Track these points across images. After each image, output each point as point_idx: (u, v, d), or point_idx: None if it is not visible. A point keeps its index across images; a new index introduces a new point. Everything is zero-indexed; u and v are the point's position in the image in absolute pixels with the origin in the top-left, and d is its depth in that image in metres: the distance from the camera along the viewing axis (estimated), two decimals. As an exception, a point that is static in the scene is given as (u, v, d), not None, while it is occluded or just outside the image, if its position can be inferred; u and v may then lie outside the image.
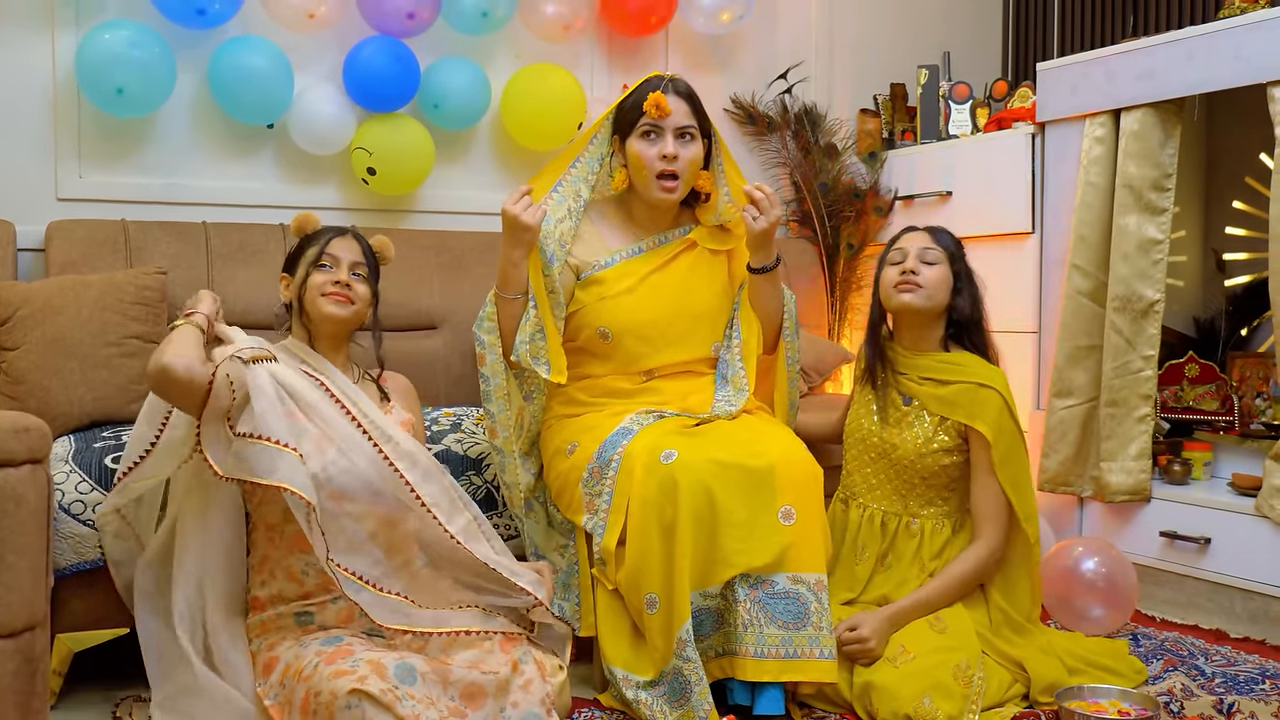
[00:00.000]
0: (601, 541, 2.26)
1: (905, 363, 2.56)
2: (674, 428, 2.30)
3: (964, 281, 2.54)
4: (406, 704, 1.86)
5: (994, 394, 2.44)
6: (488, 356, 2.40)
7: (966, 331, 2.55)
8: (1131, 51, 3.07)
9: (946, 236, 2.57)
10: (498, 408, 2.40)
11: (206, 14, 2.98)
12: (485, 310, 2.42)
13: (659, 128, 2.43)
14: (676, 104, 2.44)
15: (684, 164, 2.44)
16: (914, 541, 2.51)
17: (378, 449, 2.11)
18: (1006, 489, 2.43)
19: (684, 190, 2.48)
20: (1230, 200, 3.62)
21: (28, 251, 2.92)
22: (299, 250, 2.29)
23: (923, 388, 2.51)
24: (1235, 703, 2.27)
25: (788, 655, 2.10)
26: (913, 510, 2.54)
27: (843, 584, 2.52)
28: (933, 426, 2.49)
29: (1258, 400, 3.29)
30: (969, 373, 2.48)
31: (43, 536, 1.61)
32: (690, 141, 2.45)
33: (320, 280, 2.22)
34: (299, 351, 2.24)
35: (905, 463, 2.51)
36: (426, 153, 3.26)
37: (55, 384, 2.48)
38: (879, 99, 4.01)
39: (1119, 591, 2.70)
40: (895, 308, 2.53)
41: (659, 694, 2.15)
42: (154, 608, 2.17)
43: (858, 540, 2.57)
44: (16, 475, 1.57)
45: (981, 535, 2.45)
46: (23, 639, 1.58)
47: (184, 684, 2.08)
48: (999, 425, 2.43)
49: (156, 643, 2.14)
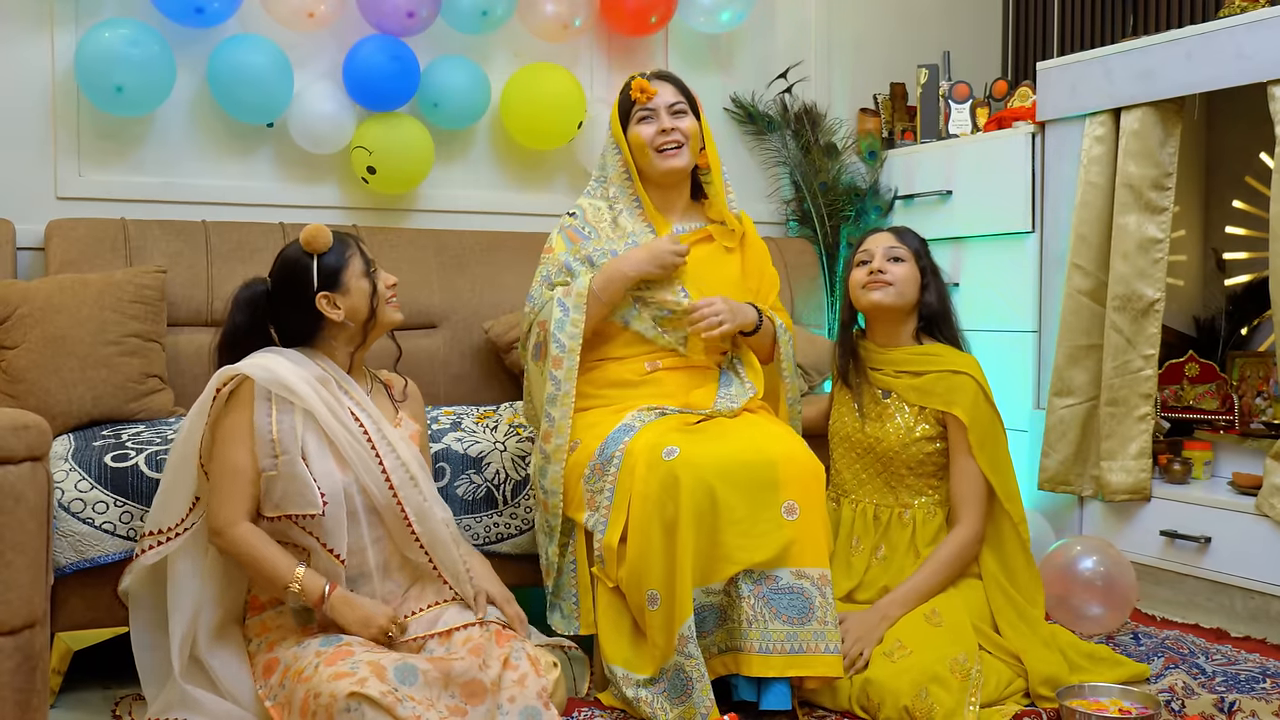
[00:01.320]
0: (603, 539, 2.26)
1: (879, 358, 2.61)
2: (675, 424, 2.31)
3: (930, 276, 2.61)
4: (407, 706, 1.85)
5: (968, 379, 2.51)
6: (565, 361, 2.37)
7: (937, 324, 2.61)
8: (1131, 51, 3.07)
9: (911, 236, 2.64)
10: (560, 413, 2.37)
11: (205, 12, 2.98)
12: (568, 315, 2.39)
13: (651, 110, 2.50)
14: (661, 85, 2.53)
15: (682, 133, 2.51)
16: (907, 531, 2.54)
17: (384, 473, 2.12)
18: (986, 471, 2.48)
19: (690, 157, 2.53)
20: (1230, 199, 3.62)
21: (27, 250, 2.92)
22: (331, 265, 2.18)
23: (899, 380, 2.57)
24: (1236, 701, 2.27)
25: (793, 650, 2.10)
26: (904, 501, 2.57)
27: (841, 575, 2.54)
28: (913, 416, 2.54)
29: (1258, 399, 3.29)
30: (943, 361, 2.55)
31: (42, 534, 1.61)
32: (684, 115, 2.53)
33: (381, 288, 2.22)
34: (334, 374, 2.19)
35: (890, 455, 2.55)
36: (426, 152, 3.25)
37: (54, 383, 2.48)
38: (879, 98, 4.01)
39: (1117, 590, 2.70)
40: (866, 306, 2.60)
41: (659, 691, 2.15)
42: (149, 617, 2.16)
43: (852, 533, 2.60)
44: (16, 473, 1.56)
45: (961, 519, 2.49)
46: (22, 636, 1.58)
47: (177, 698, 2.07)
48: (974, 408, 2.49)
49: (151, 659, 2.13)
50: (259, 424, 2.06)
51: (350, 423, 2.11)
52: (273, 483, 2.06)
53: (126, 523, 2.24)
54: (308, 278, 2.16)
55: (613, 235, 2.51)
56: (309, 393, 2.08)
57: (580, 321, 2.38)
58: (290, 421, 2.07)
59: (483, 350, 3.14)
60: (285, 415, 2.07)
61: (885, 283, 2.54)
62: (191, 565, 2.12)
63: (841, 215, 3.80)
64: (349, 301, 2.18)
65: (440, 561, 2.15)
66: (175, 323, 2.81)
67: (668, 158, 2.50)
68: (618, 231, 2.51)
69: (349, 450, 2.09)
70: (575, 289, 2.40)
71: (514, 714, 2.00)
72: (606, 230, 2.52)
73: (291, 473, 2.05)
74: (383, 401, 2.29)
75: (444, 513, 2.18)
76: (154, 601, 2.16)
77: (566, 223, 2.55)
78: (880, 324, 2.63)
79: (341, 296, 2.17)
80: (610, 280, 2.41)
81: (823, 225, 3.80)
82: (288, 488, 2.05)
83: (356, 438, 2.11)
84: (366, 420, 2.14)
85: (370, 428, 2.13)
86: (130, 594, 2.17)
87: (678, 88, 2.55)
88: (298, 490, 2.05)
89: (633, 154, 2.53)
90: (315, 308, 2.16)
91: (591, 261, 2.47)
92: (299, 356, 2.17)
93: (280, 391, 2.07)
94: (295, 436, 2.06)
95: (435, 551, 2.14)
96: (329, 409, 2.10)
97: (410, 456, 2.16)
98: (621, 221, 2.52)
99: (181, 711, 2.06)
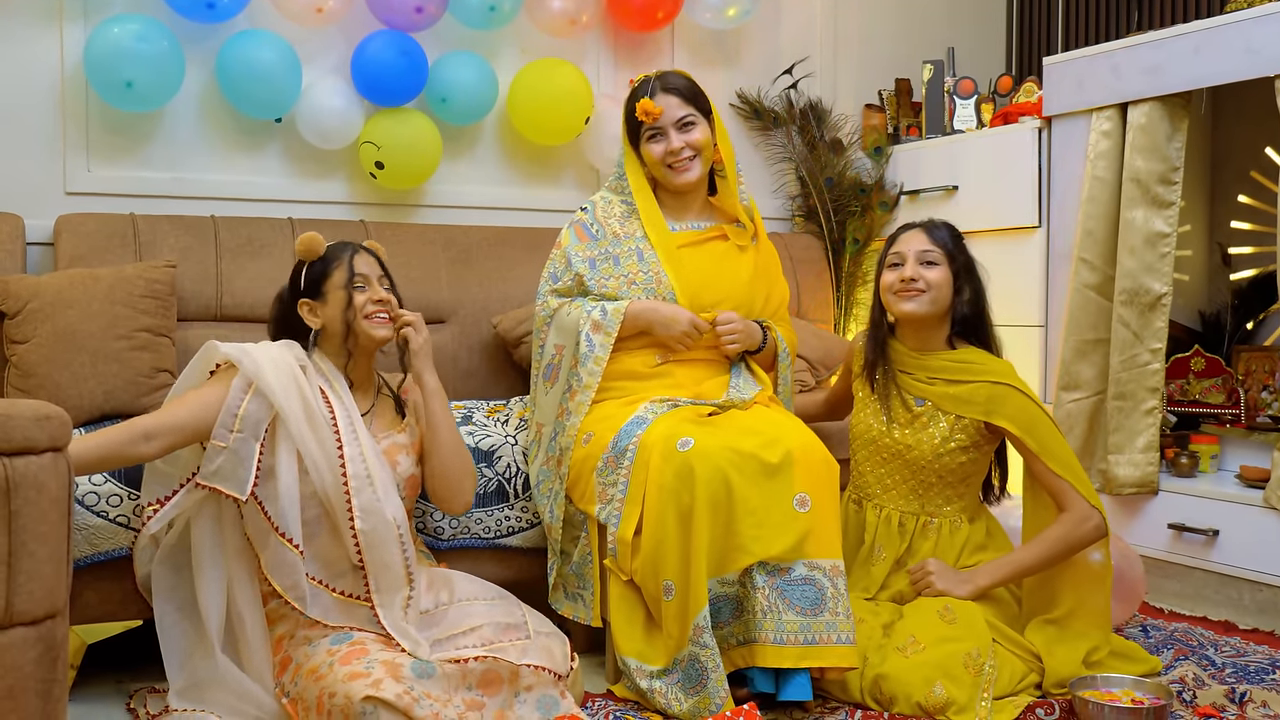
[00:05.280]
0: (617, 531, 2.27)
1: (912, 363, 2.56)
2: (689, 416, 2.32)
3: (964, 278, 2.53)
4: (423, 705, 1.85)
5: (1007, 390, 2.45)
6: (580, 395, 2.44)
7: (970, 327, 2.56)
8: (1138, 45, 3.08)
9: (943, 232, 2.56)
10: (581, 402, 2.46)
11: (215, 8, 2.98)
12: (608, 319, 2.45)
13: (659, 128, 2.52)
14: (666, 100, 2.52)
15: (692, 147, 2.53)
16: (931, 540, 2.52)
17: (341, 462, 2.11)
18: (1058, 470, 2.41)
19: (702, 168, 2.56)
20: (1236, 194, 3.63)
21: (37, 245, 2.92)
22: (316, 273, 2.24)
23: (934, 387, 2.51)
24: (1247, 692, 2.28)
25: (806, 642, 2.11)
26: (930, 510, 2.54)
27: (859, 584, 2.53)
28: (949, 425, 2.49)
29: (1264, 393, 3.31)
30: (981, 371, 2.49)
31: (64, 525, 1.61)
32: (693, 127, 2.53)
33: (361, 301, 2.22)
34: (327, 372, 2.23)
35: (922, 463, 2.51)
36: (434, 147, 3.26)
37: (65, 377, 2.48)
38: (884, 94, 4.02)
39: (1126, 583, 2.70)
40: (899, 315, 2.54)
41: (672, 682, 2.15)
42: (173, 598, 2.16)
43: (875, 541, 2.57)
44: (39, 463, 1.56)
45: (1065, 508, 2.42)
46: (44, 627, 1.58)
47: (203, 675, 2.08)
48: (1022, 415, 2.43)
49: (176, 634, 2.14)
50: (230, 400, 2.09)
51: (320, 406, 2.13)
52: (217, 453, 2.07)
53: (140, 516, 2.25)
54: (296, 283, 2.26)
55: (620, 233, 2.54)
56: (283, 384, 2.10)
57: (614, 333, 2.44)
58: (260, 412, 2.08)
59: (491, 345, 3.15)
60: (257, 403, 2.09)
61: (918, 291, 2.49)
62: (211, 539, 2.13)
63: (847, 211, 3.81)
64: (327, 311, 2.23)
65: (371, 561, 2.11)
66: (185, 317, 2.81)
67: (679, 173, 2.54)
68: (624, 230, 2.54)
69: (308, 438, 2.09)
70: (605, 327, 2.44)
71: (530, 703, 2.01)
72: (615, 228, 2.55)
73: (239, 452, 2.06)
74: (386, 415, 2.31)
75: (395, 514, 2.14)
76: (179, 579, 2.17)
77: (578, 218, 2.60)
78: (912, 330, 2.57)
79: (321, 305, 2.23)
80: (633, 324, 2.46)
81: (828, 221, 3.81)
82: (227, 461, 2.06)
83: (322, 422, 2.11)
84: (339, 409, 2.15)
85: (341, 417, 2.14)
86: (153, 580, 2.17)
87: (684, 97, 2.53)
88: (233, 468, 2.06)
89: (644, 165, 2.58)
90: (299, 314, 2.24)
91: (594, 265, 2.51)
92: (290, 344, 2.22)
93: (259, 384, 2.10)
94: (258, 425, 2.08)
95: (370, 552, 2.11)
96: (300, 395, 2.11)
97: (373, 455, 2.15)
98: (628, 223, 2.56)
99: (197, 701, 2.07)
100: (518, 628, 2.13)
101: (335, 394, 2.18)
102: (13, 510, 1.52)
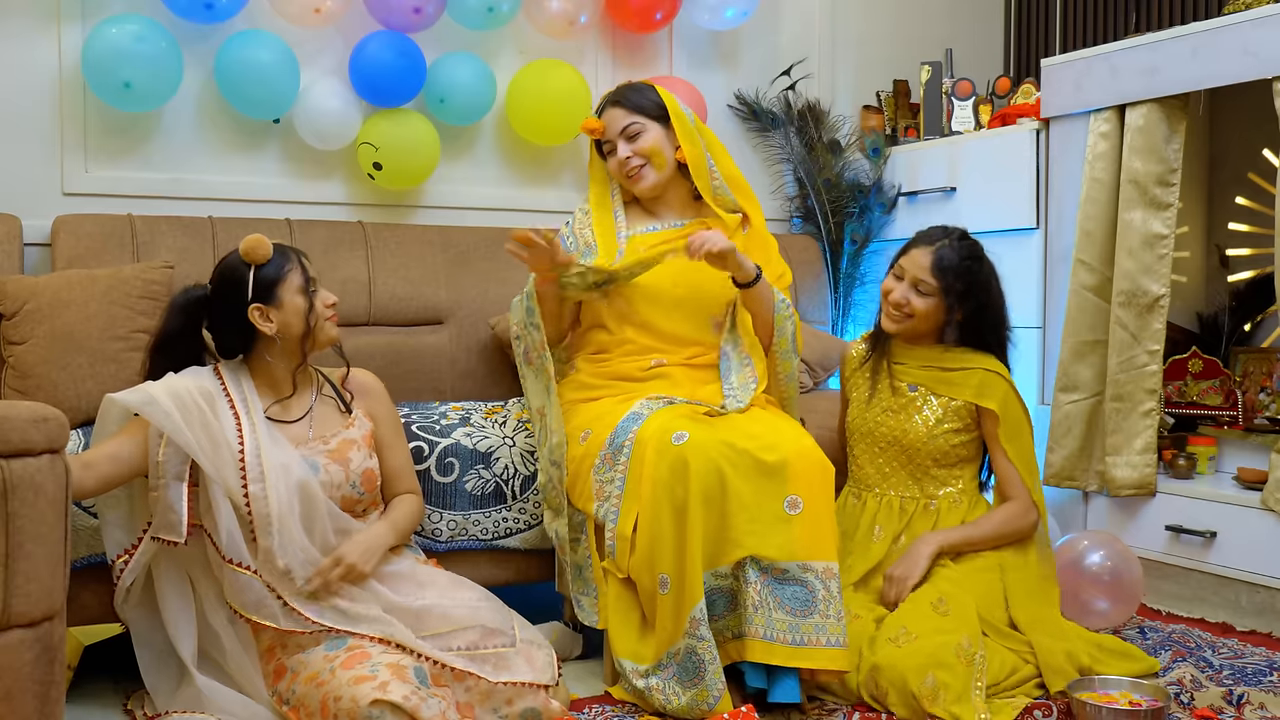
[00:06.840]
0: (615, 527, 2.27)
1: (904, 353, 2.66)
2: (685, 412, 2.33)
3: (962, 302, 2.55)
4: (430, 705, 1.85)
5: (998, 378, 2.57)
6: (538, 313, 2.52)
7: (975, 333, 2.61)
8: (1136, 47, 3.08)
9: (952, 257, 2.55)
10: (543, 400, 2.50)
11: (213, 8, 2.98)
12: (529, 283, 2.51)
13: (609, 141, 2.62)
14: (609, 114, 2.61)
15: (640, 155, 2.57)
16: (930, 520, 2.58)
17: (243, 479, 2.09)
18: (1014, 460, 2.56)
19: (657, 170, 2.60)
20: (1233, 196, 3.64)
21: (34, 246, 2.92)
22: (268, 277, 2.17)
23: (925, 372, 2.62)
24: (1245, 694, 2.28)
25: (794, 642, 2.11)
26: (929, 493, 2.61)
27: (859, 560, 2.56)
28: (940, 407, 2.58)
29: (1261, 395, 3.31)
30: (970, 360, 2.60)
31: (61, 526, 1.61)
32: (639, 135, 2.58)
33: (319, 304, 2.22)
34: (244, 383, 2.21)
35: (917, 446, 2.58)
36: (432, 148, 3.26)
37: (63, 378, 2.48)
38: (882, 95, 4.02)
39: (1124, 585, 2.71)
40: (883, 326, 2.65)
41: (668, 676, 2.15)
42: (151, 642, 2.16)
43: (875, 522, 2.61)
44: (36, 464, 1.56)
45: (1012, 497, 2.57)
46: (42, 628, 1.58)
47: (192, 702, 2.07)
48: (1005, 402, 2.56)
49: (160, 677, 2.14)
50: (150, 450, 2.07)
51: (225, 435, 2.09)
52: (154, 503, 2.07)
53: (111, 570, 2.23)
54: (243, 288, 2.16)
55: (582, 243, 2.62)
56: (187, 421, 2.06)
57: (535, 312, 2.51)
58: (177, 454, 2.06)
59: (489, 346, 3.15)
60: (173, 447, 2.06)
61: (905, 315, 2.58)
62: (176, 572, 2.13)
63: (845, 212, 3.81)
64: (281, 316, 2.18)
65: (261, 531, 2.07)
66: (183, 318, 2.81)
67: (635, 181, 2.61)
68: (583, 241, 2.63)
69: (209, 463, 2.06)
70: (525, 287, 2.56)
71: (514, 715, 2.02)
72: (587, 237, 2.64)
73: (167, 498, 2.05)
74: (329, 413, 2.28)
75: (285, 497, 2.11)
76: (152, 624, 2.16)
77: (561, 230, 2.66)
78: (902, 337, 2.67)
79: (275, 310, 2.18)
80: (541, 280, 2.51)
81: (826, 222, 3.81)
82: (161, 511, 2.06)
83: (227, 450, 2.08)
84: (249, 437, 2.11)
85: (249, 449, 2.09)
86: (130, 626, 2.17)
87: (629, 107, 2.59)
88: (165, 514, 2.06)
89: (610, 176, 2.68)
90: (248, 319, 2.16)
91: None
92: (195, 371, 2.19)
93: (166, 432, 2.05)
94: (180, 466, 2.06)
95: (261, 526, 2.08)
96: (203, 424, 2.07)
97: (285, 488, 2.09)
98: (589, 231, 2.65)
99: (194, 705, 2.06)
100: (503, 633, 2.12)
101: (246, 408, 2.16)
102: (10, 512, 1.52)
